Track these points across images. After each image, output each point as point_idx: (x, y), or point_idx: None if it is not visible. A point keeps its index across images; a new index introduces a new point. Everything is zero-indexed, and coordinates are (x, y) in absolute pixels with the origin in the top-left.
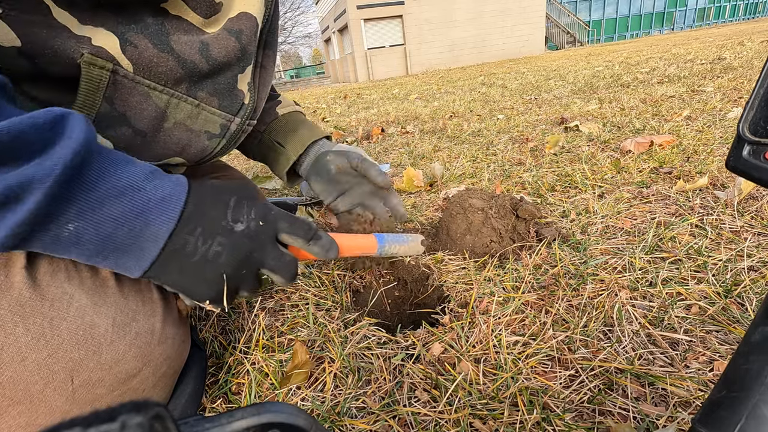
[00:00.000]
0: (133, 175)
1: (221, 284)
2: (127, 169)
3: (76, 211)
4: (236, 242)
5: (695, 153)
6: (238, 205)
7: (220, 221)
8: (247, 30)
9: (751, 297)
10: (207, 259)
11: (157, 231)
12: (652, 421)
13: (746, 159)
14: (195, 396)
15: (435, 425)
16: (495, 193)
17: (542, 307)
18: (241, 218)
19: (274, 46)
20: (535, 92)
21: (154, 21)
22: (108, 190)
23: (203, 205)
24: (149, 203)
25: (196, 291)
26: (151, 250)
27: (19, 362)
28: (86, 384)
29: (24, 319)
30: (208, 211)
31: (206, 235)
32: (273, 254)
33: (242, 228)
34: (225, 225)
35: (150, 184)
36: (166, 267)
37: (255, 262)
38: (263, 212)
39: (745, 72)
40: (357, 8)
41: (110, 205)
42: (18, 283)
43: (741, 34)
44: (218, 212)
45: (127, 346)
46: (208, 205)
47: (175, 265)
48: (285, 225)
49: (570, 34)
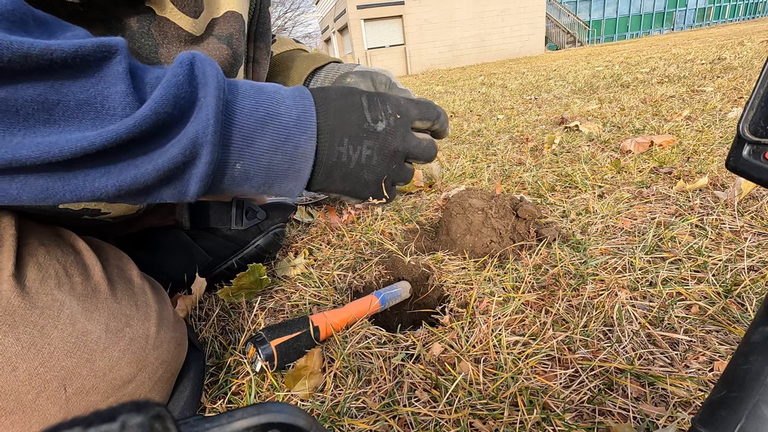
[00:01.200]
0: (264, 102)
1: (380, 182)
2: (259, 98)
3: (237, 152)
4: (383, 142)
5: (695, 153)
6: (372, 103)
7: (362, 125)
8: (236, 32)
9: (751, 297)
10: (362, 164)
11: (304, 150)
12: (652, 421)
13: (746, 159)
14: (193, 397)
15: (435, 425)
16: (495, 193)
17: (542, 307)
18: (380, 116)
19: (266, 37)
20: (535, 92)
21: (139, 28)
22: (253, 124)
23: (340, 111)
24: (288, 126)
25: (360, 193)
26: (305, 169)
27: (9, 372)
28: (80, 392)
29: (13, 329)
30: (347, 117)
31: (354, 142)
32: (414, 142)
33: (384, 126)
34: (367, 128)
35: (282, 107)
36: (329, 178)
37: (401, 154)
38: (395, 104)
39: (745, 72)
40: (357, 8)
41: (260, 138)
42: (6, 291)
43: (741, 34)
44: (357, 116)
45: (121, 352)
46: (345, 111)
47: (338, 175)
48: (416, 111)
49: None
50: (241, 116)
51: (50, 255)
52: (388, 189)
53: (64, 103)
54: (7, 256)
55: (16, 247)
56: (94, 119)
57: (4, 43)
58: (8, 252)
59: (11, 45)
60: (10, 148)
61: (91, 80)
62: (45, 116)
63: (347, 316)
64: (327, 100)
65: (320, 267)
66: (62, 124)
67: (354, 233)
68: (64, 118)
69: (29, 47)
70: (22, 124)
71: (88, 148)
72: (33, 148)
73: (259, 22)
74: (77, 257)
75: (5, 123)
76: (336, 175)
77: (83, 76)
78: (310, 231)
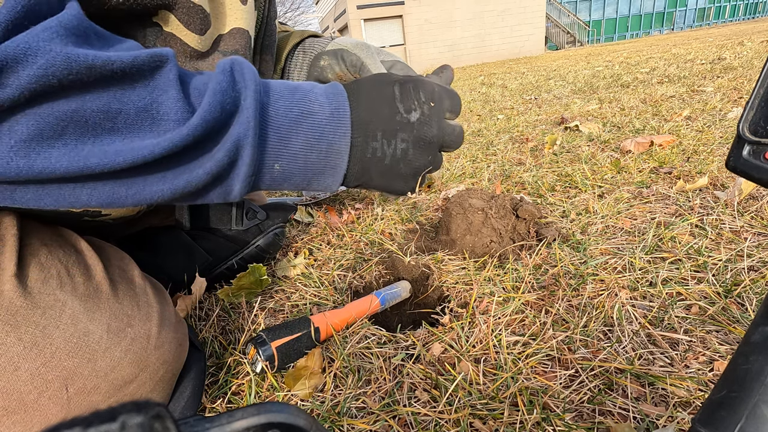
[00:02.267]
0: (299, 102)
1: (418, 175)
2: (293, 98)
3: (274, 152)
4: (417, 134)
5: (695, 153)
6: (405, 92)
7: (394, 116)
8: (242, 48)
9: (751, 297)
10: (397, 159)
11: (339, 147)
12: (652, 421)
13: (746, 159)
14: (194, 398)
15: (435, 425)
16: (495, 193)
17: (542, 307)
18: (413, 105)
19: (272, 49)
20: (535, 92)
21: (145, 43)
22: (288, 124)
23: (372, 104)
24: (322, 123)
25: (398, 188)
26: (341, 165)
27: (11, 372)
28: (81, 392)
29: (15, 329)
30: (379, 109)
31: (388, 136)
32: (448, 130)
33: (417, 116)
34: (400, 119)
35: (315, 104)
36: (366, 174)
37: (437, 144)
38: (429, 91)
39: (745, 72)
40: (357, 8)
41: (295, 137)
42: (8, 291)
43: (741, 34)
44: (390, 108)
45: (122, 353)
46: (377, 104)
47: (375, 171)
48: (448, 102)
49: (570, 34)
50: (276, 117)
51: (52, 255)
52: (422, 180)
53: (125, 111)
54: (9, 256)
55: (18, 247)
56: (151, 125)
57: (73, 56)
58: (10, 252)
59: (78, 57)
60: (82, 157)
61: (147, 88)
62: (110, 125)
63: (347, 317)
64: (359, 93)
65: (320, 267)
66: (124, 131)
67: (354, 233)
68: (126, 126)
69: (93, 59)
70: (90, 133)
71: (148, 156)
72: (102, 157)
73: (266, 35)
74: (79, 257)
75: (77, 133)
76: (373, 171)
77: (140, 85)
78: (310, 231)
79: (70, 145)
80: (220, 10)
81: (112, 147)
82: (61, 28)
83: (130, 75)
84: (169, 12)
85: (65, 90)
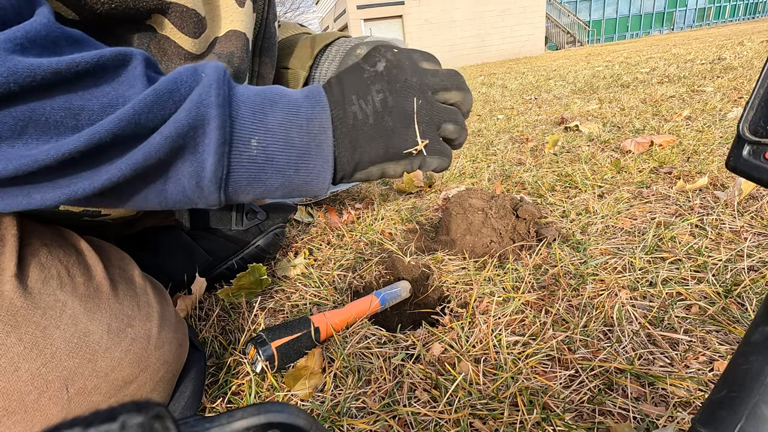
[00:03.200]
0: (270, 89)
1: (409, 122)
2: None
3: (249, 125)
4: (390, 78)
5: (695, 153)
6: (368, 54)
7: (362, 75)
8: (238, 51)
9: (751, 297)
10: (379, 112)
11: (320, 121)
12: (652, 421)
13: (746, 159)
14: (194, 398)
15: (435, 425)
16: (495, 193)
17: (542, 307)
18: (377, 58)
19: (271, 51)
20: (535, 92)
21: (139, 45)
22: (261, 101)
23: (343, 77)
24: (298, 101)
25: (397, 146)
26: (327, 141)
27: (12, 372)
28: (82, 392)
29: (16, 329)
30: (349, 78)
31: (363, 93)
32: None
33: (384, 64)
34: (369, 75)
35: (287, 90)
36: (358, 148)
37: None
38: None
39: (745, 72)
40: (357, 8)
41: (271, 112)
42: (8, 291)
43: (741, 34)
44: (357, 71)
45: (122, 353)
46: (346, 73)
47: (363, 139)
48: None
49: (570, 34)
50: (247, 95)
51: (52, 255)
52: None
53: (89, 108)
54: (9, 256)
55: (18, 247)
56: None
57: (36, 65)
58: (10, 252)
59: (42, 65)
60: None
61: (112, 84)
62: (73, 123)
63: (347, 317)
64: (332, 79)
65: (320, 267)
66: (88, 126)
67: (354, 233)
68: (90, 122)
69: (57, 64)
70: (53, 132)
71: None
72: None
73: (265, 37)
74: (79, 257)
75: (38, 132)
76: (362, 140)
77: (104, 82)
78: (310, 231)
79: (31, 144)
80: (216, 13)
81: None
82: (24, 39)
83: (94, 73)
84: (163, 16)
85: (25, 94)
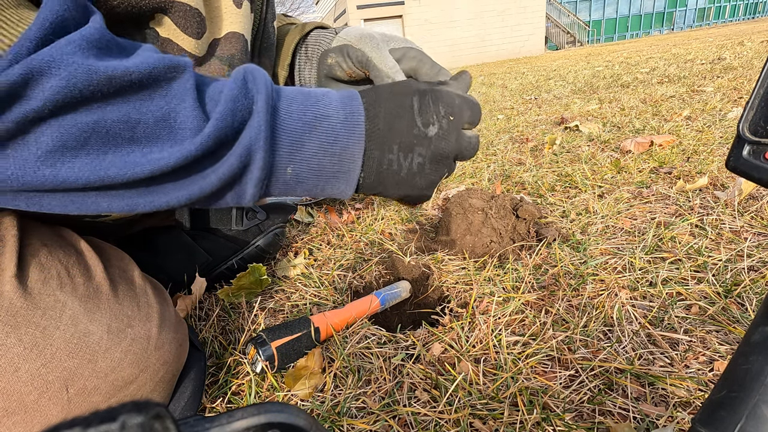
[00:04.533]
0: (312, 106)
1: (433, 187)
2: (306, 102)
3: (287, 156)
4: (434, 150)
5: (695, 153)
6: (424, 105)
7: (411, 130)
8: (238, 53)
9: (751, 297)
10: (413, 172)
11: (352, 153)
12: (652, 421)
13: (746, 159)
14: (194, 398)
15: (435, 425)
16: (495, 193)
17: (542, 307)
18: (431, 119)
19: (269, 52)
20: (535, 92)
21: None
22: (301, 128)
23: (389, 115)
24: (336, 127)
25: (413, 199)
26: (354, 170)
27: (12, 373)
28: (82, 393)
29: (15, 329)
30: (396, 121)
31: (404, 149)
32: (464, 143)
33: (436, 131)
34: (418, 133)
35: (330, 108)
36: (381, 185)
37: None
38: (449, 104)
39: (745, 72)
40: (357, 8)
41: (309, 141)
42: (8, 292)
43: (741, 34)
44: (407, 121)
45: (122, 353)
46: (395, 114)
47: (390, 182)
48: (468, 114)
49: (570, 34)
50: (289, 121)
51: (52, 256)
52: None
53: (144, 121)
54: (9, 256)
55: (18, 247)
56: (169, 134)
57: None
58: (10, 253)
59: (98, 69)
60: (103, 168)
61: (165, 98)
62: (129, 135)
63: (347, 317)
64: (377, 102)
65: (320, 267)
66: (143, 141)
67: (354, 233)
68: (145, 136)
69: (113, 70)
70: (112, 143)
71: (164, 167)
72: (121, 167)
73: (263, 38)
74: (79, 258)
75: (99, 143)
76: (388, 183)
77: (158, 95)
78: (310, 231)
79: (93, 155)
80: (215, 14)
81: (131, 157)
82: (83, 41)
83: (148, 84)
84: (165, 15)
85: (87, 101)
